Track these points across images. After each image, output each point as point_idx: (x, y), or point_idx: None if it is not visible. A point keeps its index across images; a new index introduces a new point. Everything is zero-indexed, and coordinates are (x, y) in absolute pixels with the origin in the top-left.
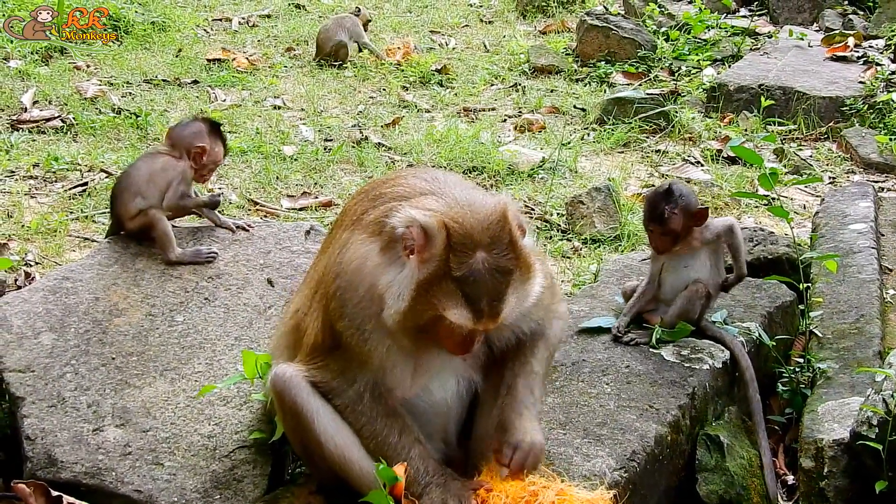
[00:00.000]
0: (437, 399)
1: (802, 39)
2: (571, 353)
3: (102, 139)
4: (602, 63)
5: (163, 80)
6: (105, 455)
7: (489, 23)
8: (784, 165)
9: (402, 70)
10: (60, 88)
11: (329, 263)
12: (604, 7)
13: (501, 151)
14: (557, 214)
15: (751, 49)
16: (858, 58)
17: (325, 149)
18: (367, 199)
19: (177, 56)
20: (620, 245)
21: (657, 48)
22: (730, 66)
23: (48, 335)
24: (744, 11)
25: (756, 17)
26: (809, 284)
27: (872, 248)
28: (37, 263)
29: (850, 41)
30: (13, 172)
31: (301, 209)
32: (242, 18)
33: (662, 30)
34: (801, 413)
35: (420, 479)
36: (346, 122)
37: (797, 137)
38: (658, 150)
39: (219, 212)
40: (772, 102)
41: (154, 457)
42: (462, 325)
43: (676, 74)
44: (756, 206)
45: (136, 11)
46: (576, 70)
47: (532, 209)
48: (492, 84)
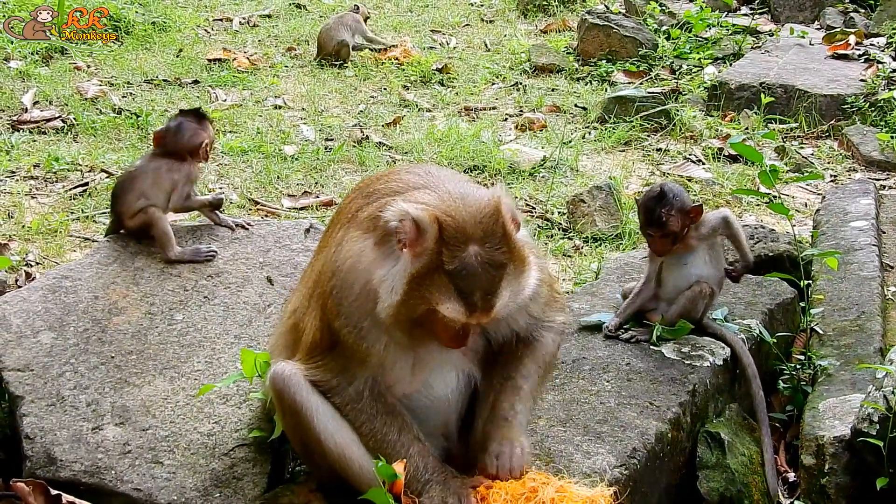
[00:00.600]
0: (438, 394)
1: (803, 37)
2: (572, 351)
3: (103, 139)
4: (603, 62)
5: (163, 81)
6: (104, 454)
7: (490, 22)
8: (785, 163)
9: (403, 69)
10: (61, 89)
11: (326, 262)
12: (605, 6)
13: (502, 150)
14: (558, 213)
15: (752, 47)
16: (860, 56)
17: (326, 148)
18: (362, 197)
19: (177, 56)
20: (621, 243)
21: (658, 47)
22: (731, 65)
23: (47, 334)
24: (745, 10)
25: (757, 16)
26: (810, 281)
27: (873, 246)
28: (37, 264)
29: (852, 39)
30: (14, 173)
31: (302, 209)
32: (243, 18)
33: (663, 28)
34: (802, 410)
35: (420, 477)
36: (347, 122)
37: (798, 135)
38: (659, 149)
39: (219, 211)
40: (773, 100)
41: (153, 455)
42: (455, 319)
43: (677, 73)
44: (757, 204)
45: (137, 12)
46: (577, 69)
47: (533, 208)
48: (493, 83)
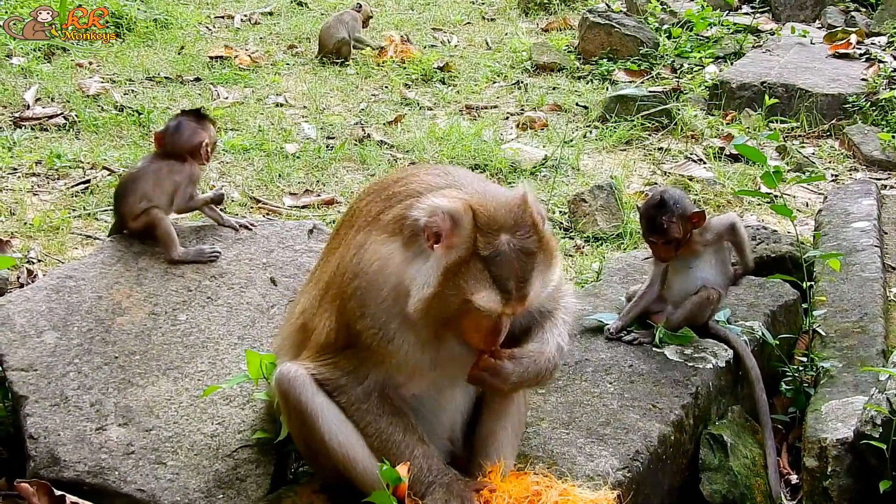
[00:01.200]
0: (447, 396)
1: (805, 37)
2: (574, 353)
3: (105, 136)
4: (604, 60)
5: (165, 78)
6: (108, 454)
7: (491, 20)
8: (787, 163)
9: (404, 67)
10: (63, 86)
11: (343, 264)
12: (606, 4)
13: (504, 149)
14: (560, 212)
15: (753, 46)
16: (861, 55)
17: (328, 146)
18: (381, 200)
19: (179, 53)
20: (623, 243)
21: (659, 45)
22: (732, 64)
23: (51, 334)
24: (746, 9)
25: (758, 15)
26: (812, 283)
27: (875, 247)
28: (39, 261)
29: (853, 38)
30: (16, 170)
31: (303, 207)
32: (245, 16)
33: (665, 27)
34: (805, 412)
35: (423, 479)
36: (349, 120)
37: (800, 135)
38: (660, 148)
39: (221, 210)
40: (775, 101)
41: (157, 456)
42: (491, 309)
43: (679, 72)
44: (759, 204)
45: (139, 9)
46: (578, 67)
47: None
48: (494, 82)
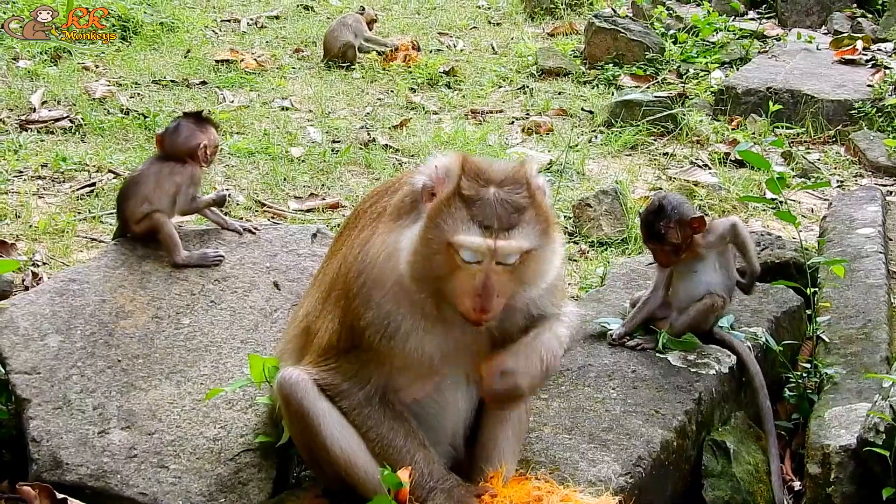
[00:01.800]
0: (449, 400)
1: (811, 42)
2: (577, 358)
3: (111, 140)
4: (610, 65)
5: (171, 81)
6: (110, 457)
7: (497, 25)
8: (792, 169)
9: (410, 72)
10: (69, 89)
11: (347, 264)
12: (612, 9)
13: (509, 154)
14: (564, 217)
15: (759, 52)
16: (867, 61)
17: (333, 150)
18: (387, 195)
19: (185, 57)
20: (627, 248)
21: (665, 51)
22: (738, 69)
23: (54, 337)
24: (752, 14)
25: (764, 20)
26: (817, 289)
27: (880, 253)
28: (44, 264)
29: (859, 44)
30: (21, 172)
31: (308, 211)
32: (251, 19)
33: (671, 32)
34: (808, 419)
35: (424, 484)
36: (354, 124)
37: (805, 141)
38: (666, 153)
39: (225, 213)
40: (780, 106)
41: (159, 459)
42: (471, 247)
43: (684, 77)
44: (763, 210)
45: (145, 12)
46: (583, 72)
47: None
48: (499, 86)
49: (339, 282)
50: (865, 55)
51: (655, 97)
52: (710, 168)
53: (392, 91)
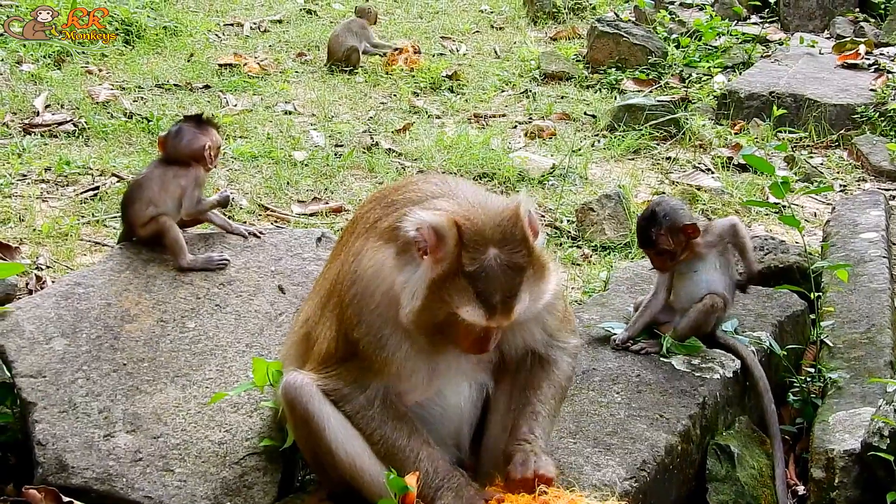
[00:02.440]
0: (451, 402)
1: (813, 47)
2: (582, 362)
3: (114, 143)
4: (613, 70)
5: (174, 85)
6: (116, 461)
7: (500, 29)
8: (795, 173)
9: (413, 76)
10: (73, 92)
11: (343, 272)
12: (615, 14)
13: (512, 158)
14: (567, 221)
15: (762, 56)
16: (870, 65)
17: (336, 154)
18: (380, 207)
19: (188, 61)
20: (631, 252)
21: (668, 55)
22: (741, 74)
23: (60, 341)
24: (755, 18)
25: (767, 25)
26: (820, 294)
27: (884, 258)
28: (48, 267)
29: (862, 49)
30: (25, 176)
31: (311, 215)
32: (254, 23)
33: (673, 36)
34: (812, 423)
35: (431, 482)
36: (357, 128)
37: (808, 145)
38: (668, 158)
39: (229, 217)
40: (783, 111)
41: (164, 463)
42: (475, 323)
43: (687, 81)
44: (767, 215)
45: (149, 16)
46: (586, 76)
47: (542, 216)
48: (502, 90)
49: (336, 290)
50: (868, 59)
51: (658, 101)
52: (713, 172)
53: (395, 95)
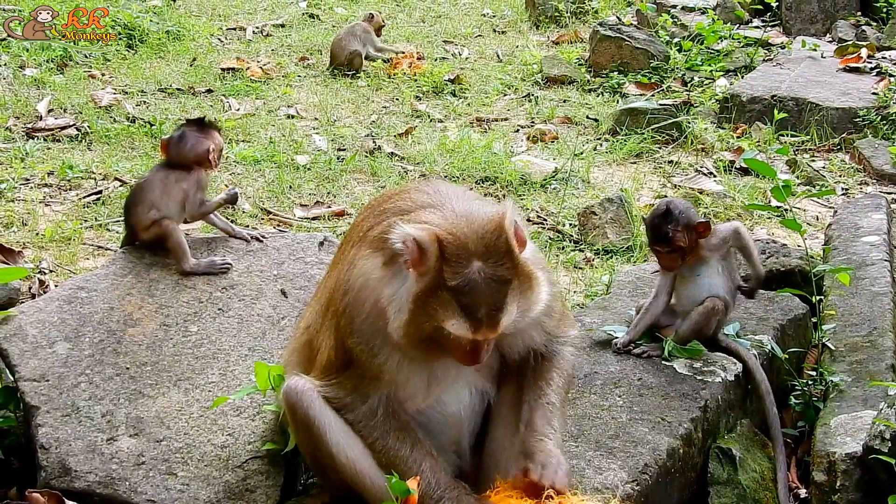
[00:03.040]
0: (451, 410)
1: (815, 50)
2: (584, 366)
3: (117, 148)
4: (615, 73)
5: (177, 89)
6: (119, 465)
7: (502, 33)
8: (797, 176)
9: (415, 80)
10: (75, 97)
11: (338, 280)
12: (617, 17)
13: (514, 162)
14: (570, 225)
15: (764, 60)
16: (871, 69)
17: (339, 158)
18: (372, 216)
19: (191, 65)
20: (633, 256)
21: (670, 59)
22: (743, 77)
23: (63, 345)
24: (757, 22)
25: (769, 28)
26: (822, 297)
27: (885, 261)
28: (51, 271)
29: (864, 52)
30: (28, 180)
31: (314, 219)
32: (256, 28)
33: (675, 40)
34: (814, 426)
35: (432, 493)
36: (360, 132)
37: (810, 149)
38: (671, 161)
39: (232, 221)
40: (785, 115)
41: (167, 467)
42: (461, 336)
43: (689, 85)
44: (768, 218)
45: (151, 21)
46: (588, 80)
47: (544, 220)
48: (504, 94)
49: (333, 298)
50: (870, 63)
51: (660, 105)
52: (716, 176)
53: (397, 99)
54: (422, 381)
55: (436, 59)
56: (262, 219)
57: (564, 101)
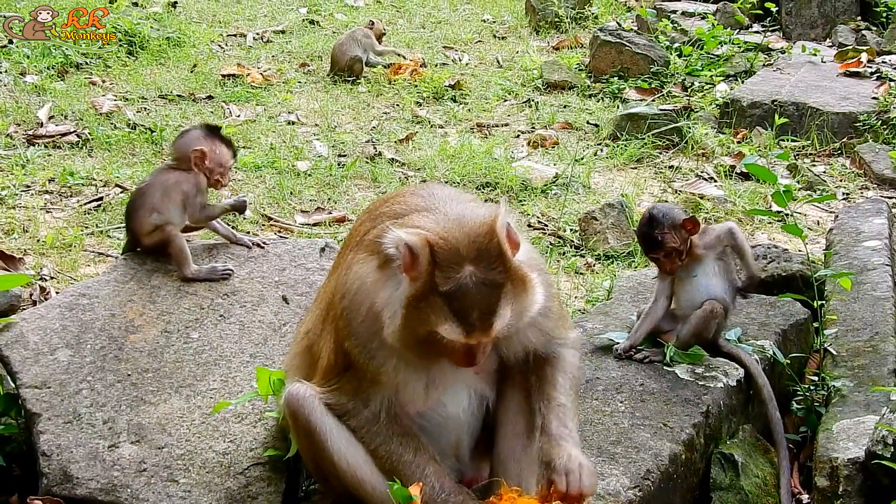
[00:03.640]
0: (451, 413)
1: (815, 55)
2: (585, 371)
3: (117, 154)
4: (615, 79)
5: (178, 96)
6: (120, 471)
7: (502, 38)
8: (798, 181)
9: (416, 86)
10: (76, 103)
11: (337, 284)
12: (617, 23)
13: (515, 167)
14: (570, 230)
15: (764, 65)
16: (872, 73)
17: (339, 164)
18: (370, 219)
19: (192, 71)
20: (634, 261)
21: (670, 64)
22: (743, 82)
23: (64, 351)
24: (757, 27)
25: (769, 33)
26: (824, 302)
27: (887, 266)
28: (52, 278)
29: (864, 57)
30: (29, 187)
31: (315, 225)
32: (257, 34)
33: (675, 45)
34: (816, 431)
35: (436, 497)
36: (360, 138)
37: (810, 153)
38: (671, 166)
39: (233, 227)
40: (786, 119)
41: (169, 473)
42: (455, 340)
43: (689, 90)
44: (769, 223)
45: (152, 27)
46: (589, 86)
47: (545, 225)
48: (505, 100)
49: (333, 302)
50: (870, 68)
51: (660, 110)
52: (716, 181)
53: (398, 105)
54: (420, 384)
55: (436, 65)
56: (263, 225)
57: (565, 107)
